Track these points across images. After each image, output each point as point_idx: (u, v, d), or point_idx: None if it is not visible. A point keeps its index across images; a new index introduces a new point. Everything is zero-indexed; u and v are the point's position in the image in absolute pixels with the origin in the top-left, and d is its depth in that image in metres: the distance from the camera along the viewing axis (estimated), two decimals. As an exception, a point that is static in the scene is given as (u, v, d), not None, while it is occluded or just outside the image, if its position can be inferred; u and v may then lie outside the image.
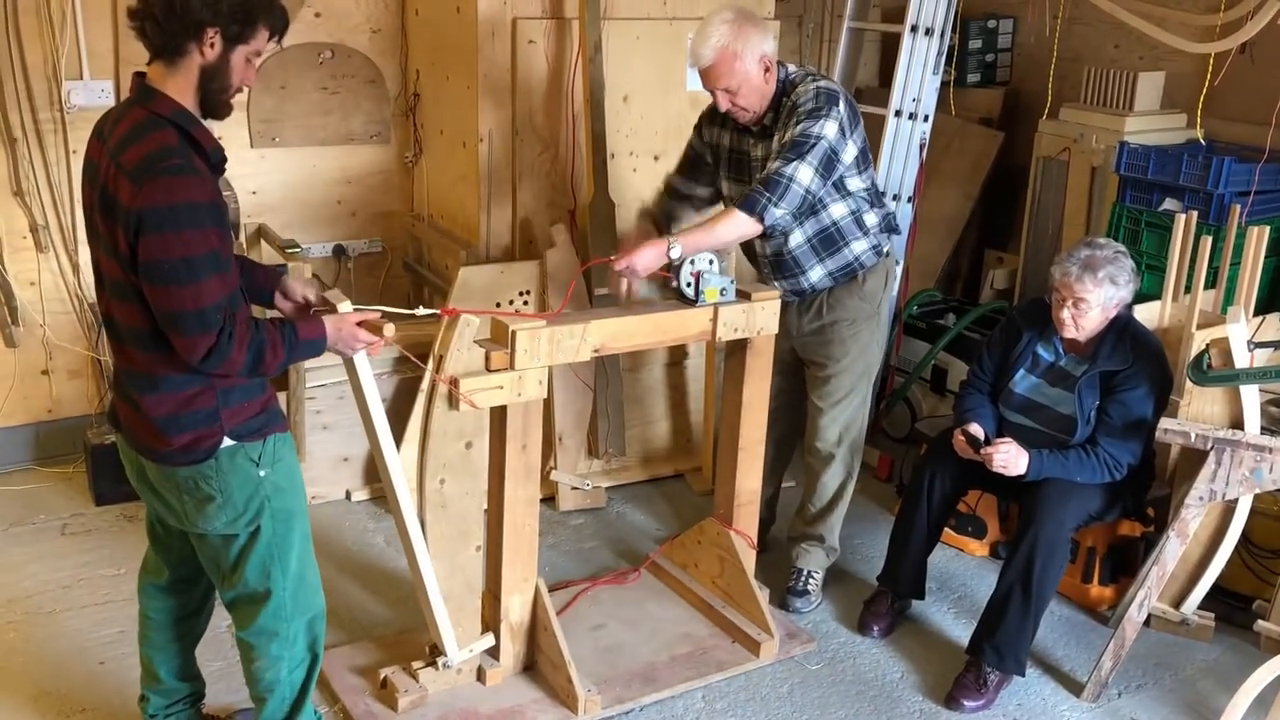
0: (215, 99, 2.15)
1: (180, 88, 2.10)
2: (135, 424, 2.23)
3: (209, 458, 2.18)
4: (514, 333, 2.58)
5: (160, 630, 2.50)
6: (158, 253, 2.00)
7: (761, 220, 2.92)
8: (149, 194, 1.98)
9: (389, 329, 2.32)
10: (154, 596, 2.50)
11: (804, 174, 2.91)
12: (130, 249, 2.03)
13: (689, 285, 2.88)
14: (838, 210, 3.11)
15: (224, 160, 2.21)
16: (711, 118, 3.25)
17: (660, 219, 3.36)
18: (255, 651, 2.37)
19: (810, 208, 3.02)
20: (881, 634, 3.26)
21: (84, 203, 2.18)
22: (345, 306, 2.31)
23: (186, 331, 2.05)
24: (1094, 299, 2.98)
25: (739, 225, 2.93)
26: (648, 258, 2.87)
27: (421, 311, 2.53)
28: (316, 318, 2.26)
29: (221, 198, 2.13)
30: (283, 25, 2.21)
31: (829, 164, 2.95)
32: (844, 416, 3.31)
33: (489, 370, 2.60)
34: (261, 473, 2.24)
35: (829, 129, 2.92)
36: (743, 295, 2.97)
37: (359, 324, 2.28)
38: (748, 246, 3.26)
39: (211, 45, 2.08)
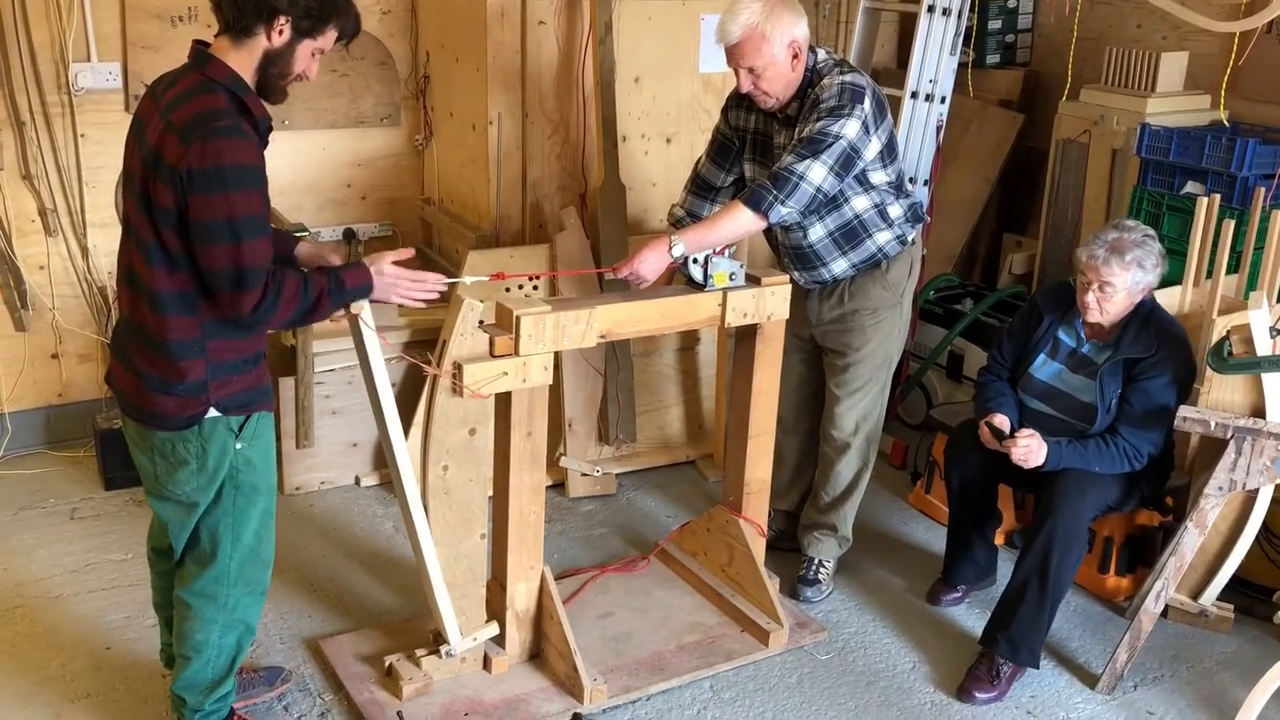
0: (272, 83, 2.19)
1: (241, 63, 2.14)
2: (125, 381, 2.27)
3: (191, 425, 2.21)
4: (518, 318, 2.55)
5: (170, 590, 2.51)
6: (205, 213, 2.05)
7: (766, 217, 2.86)
8: (197, 154, 2.03)
9: (438, 279, 2.38)
10: (162, 557, 2.53)
11: (816, 173, 2.83)
12: (177, 207, 2.06)
13: (698, 269, 2.84)
14: (860, 203, 3.04)
15: (270, 129, 2.24)
16: (737, 101, 3.16)
17: (687, 221, 3.22)
18: (191, 612, 2.39)
19: (823, 204, 2.96)
20: (949, 604, 3.35)
21: (125, 158, 2.23)
22: (387, 262, 2.35)
23: (231, 288, 2.10)
24: (1120, 283, 2.92)
25: (743, 221, 2.87)
26: (651, 263, 2.83)
27: (469, 280, 2.57)
28: (361, 264, 2.31)
29: (264, 163, 2.15)
30: (353, 31, 2.27)
31: (847, 163, 2.87)
32: (862, 405, 3.26)
33: (493, 356, 2.56)
34: (238, 445, 2.27)
35: (850, 128, 2.84)
36: (752, 280, 2.92)
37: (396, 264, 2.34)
38: (770, 236, 3.20)
39: (280, 32, 2.13)
